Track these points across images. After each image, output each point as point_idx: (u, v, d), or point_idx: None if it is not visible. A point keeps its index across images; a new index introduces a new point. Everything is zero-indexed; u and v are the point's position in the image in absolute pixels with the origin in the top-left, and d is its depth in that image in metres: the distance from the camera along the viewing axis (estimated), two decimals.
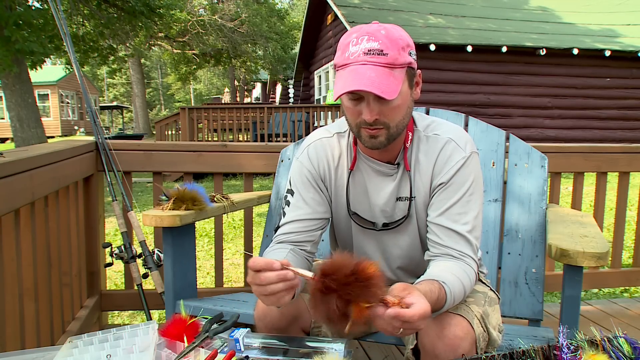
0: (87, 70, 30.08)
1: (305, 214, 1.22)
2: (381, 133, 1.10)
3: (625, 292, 3.30)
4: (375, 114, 1.07)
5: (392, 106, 1.07)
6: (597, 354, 0.85)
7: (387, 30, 1.06)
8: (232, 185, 8.21)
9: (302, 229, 1.22)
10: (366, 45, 1.04)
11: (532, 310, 1.67)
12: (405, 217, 1.21)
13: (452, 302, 1.04)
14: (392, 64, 1.04)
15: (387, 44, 1.04)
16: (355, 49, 1.05)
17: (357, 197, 1.25)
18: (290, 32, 22.57)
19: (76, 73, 2.28)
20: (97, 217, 2.27)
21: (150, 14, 12.53)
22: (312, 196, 1.24)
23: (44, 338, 1.69)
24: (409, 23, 11.01)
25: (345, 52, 1.07)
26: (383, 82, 1.02)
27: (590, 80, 10.80)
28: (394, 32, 1.07)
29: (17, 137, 9.52)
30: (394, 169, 1.20)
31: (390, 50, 1.04)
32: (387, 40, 1.04)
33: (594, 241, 1.33)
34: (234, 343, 1.05)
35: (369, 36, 1.05)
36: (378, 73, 1.02)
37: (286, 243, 1.21)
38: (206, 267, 4.12)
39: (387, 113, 1.07)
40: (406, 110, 1.11)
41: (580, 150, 2.54)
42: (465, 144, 1.17)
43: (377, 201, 1.23)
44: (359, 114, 1.08)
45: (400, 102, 1.08)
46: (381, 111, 1.07)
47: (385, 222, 1.24)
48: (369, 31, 1.06)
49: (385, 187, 1.21)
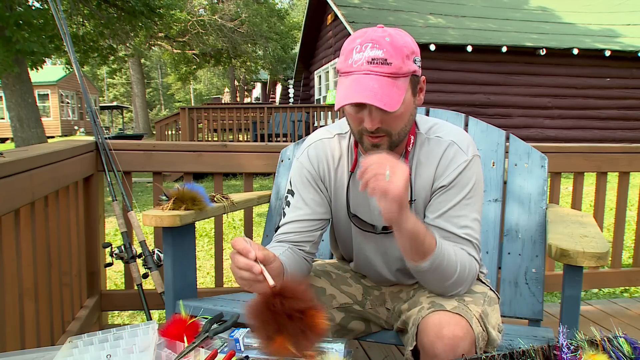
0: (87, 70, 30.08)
1: (305, 214, 1.22)
2: (383, 141, 1.10)
3: (625, 292, 3.30)
4: (377, 123, 1.06)
5: (394, 115, 1.06)
6: (597, 354, 0.85)
7: (392, 37, 1.04)
8: (232, 185, 8.21)
9: (301, 229, 1.22)
10: (370, 54, 1.02)
11: (532, 310, 1.67)
12: None
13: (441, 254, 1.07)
14: (396, 74, 1.03)
15: (391, 53, 1.02)
16: (358, 56, 1.03)
17: (358, 199, 1.24)
18: (290, 32, 22.56)
19: (76, 73, 2.28)
20: (97, 217, 2.28)
21: (150, 14, 12.53)
22: (311, 197, 1.24)
23: (44, 338, 1.69)
24: (409, 23, 11.01)
25: (349, 58, 1.05)
26: (385, 93, 1.01)
27: (590, 80, 10.80)
28: (399, 39, 1.05)
29: (17, 137, 9.52)
30: None
31: (395, 59, 1.02)
32: (392, 48, 1.02)
33: (594, 241, 1.33)
34: (234, 343, 1.05)
35: (373, 43, 1.03)
36: (381, 84, 1.01)
37: (285, 242, 1.21)
38: (206, 267, 4.12)
39: (389, 122, 1.07)
40: (409, 118, 1.11)
41: (580, 150, 2.54)
42: (467, 147, 1.17)
43: (377, 204, 1.22)
44: (361, 122, 1.08)
45: (403, 110, 1.07)
46: (383, 120, 1.06)
47: (385, 225, 1.24)
48: (373, 38, 1.04)
49: None
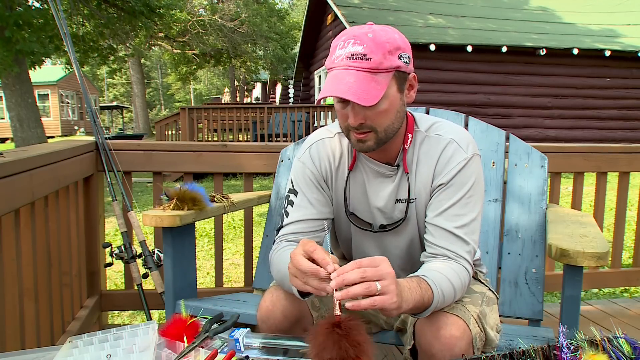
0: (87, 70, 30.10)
1: (311, 214, 1.22)
2: (369, 137, 1.09)
3: (625, 292, 3.30)
4: (360, 119, 1.06)
5: (377, 111, 1.06)
6: (597, 354, 0.85)
7: (375, 33, 1.04)
8: (232, 185, 8.21)
9: (307, 229, 1.21)
10: (350, 50, 1.03)
11: (532, 310, 1.67)
12: (403, 219, 1.21)
13: (441, 296, 1.03)
14: (375, 69, 1.02)
15: (371, 48, 1.02)
16: (340, 52, 1.04)
17: (356, 197, 1.25)
18: (290, 32, 22.56)
19: (76, 73, 2.28)
20: (97, 217, 2.28)
21: (150, 14, 12.54)
22: (316, 197, 1.23)
23: (44, 338, 1.69)
24: (409, 23, 11.02)
25: (332, 55, 1.07)
26: (361, 87, 1.00)
27: (590, 80, 10.81)
28: (382, 35, 1.04)
29: (17, 137, 9.53)
30: (394, 170, 1.20)
31: (375, 55, 1.02)
32: (373, 43, 1.02)
33: (594, 241, 1.33)
34: (234, 343, 1.05)
35: (355, 39, 1.03)
36: (358, 78, 1.01)
37: (291, 242, 1.20)
38: (206, 267, 4.12)
39: (372, 117, 1.07)
40: (395, 115, 1.10)
41: (580, 150, 2.54)
42: (467, 145, 1.17)
43: (375, 202, 1.22)
44: (347, 118, 1.09)
45: (387, 106, 1.07)
46: (366, 115, 1.06)
47: (383, 223, 1.24)
48: (355, 34, 1.04)
49: (384, 188, 1.21)
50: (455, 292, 1.08)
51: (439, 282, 1.04)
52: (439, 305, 1.04)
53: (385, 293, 0.88)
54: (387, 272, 0.90)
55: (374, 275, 0.88)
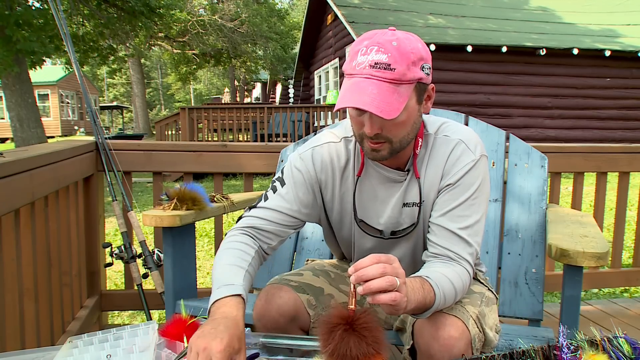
0: (87, 70, 30.09)
1: (289, 209, 1.20)
2: (384, 147, 1.07)
3: (625, 292, 3.30)
4: (377, 129, 1.04)
5: (395, 122, 1.04)
6: (597, 354, 0.85)
7: (399, 41, 1.00)
8: (232, 185, 8.21)
9: (279, 220, 1.19)
10: (374, 57, 0.99)
11: (532, 310, 1.67)
12: (415, 224, 1.19)
13: (442, 298, 1.02)
14: (399, 80, 0.99)
15: (396, 58, 0.98)
16: (362, 59, 1.00)
17: (365, 203, 1.22)
18: (290, 32, 22.55)
19: (76, 73, 2.28)
20: (97, 217, 2.28)
21: (150, 14, 12.54)
22: (301, 196, 1.21)
23: (44, 338, 1.69)
24: (409, 23, 11.01)
25: (353, 60, 1.02)
26: (384, 99, 0.98)
27: (590, 80, 10.81)
28: (407, 44, 1.01)
29: (17, 137, 9.53)
30: (404, 175, 1.18)
31: (399, 65, 0.98)
32: (397, 53, 0.99)
33: (594, 241, 1.33)
34: None
35: (379, 47, 0.99)
36: (381, 90, 0.98)
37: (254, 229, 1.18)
38: (206, 267, 4.12)
39: (389, 128, 1.05)
40: (412, 126, 1.08)
41: (580, 150, 2.54)
42: (475, 146, 1.15)
43: (385, 208, 1.20)
44: (362, 125, 1.06)
45: (405, 117, 1.04)
46: (383, 126, 1.04)
47: (393, 230, 1.22)
48: (379, 41, 1.00)
49: (393, 193, 1.19)
50: (456, 294, 1.07)
51: (442, 284, 1.03)
52: (440, 307, 1.04)
53: (400, 290, 0.89)
54: (401, 271, 0.91)
55: (392, 272, 0.88)
